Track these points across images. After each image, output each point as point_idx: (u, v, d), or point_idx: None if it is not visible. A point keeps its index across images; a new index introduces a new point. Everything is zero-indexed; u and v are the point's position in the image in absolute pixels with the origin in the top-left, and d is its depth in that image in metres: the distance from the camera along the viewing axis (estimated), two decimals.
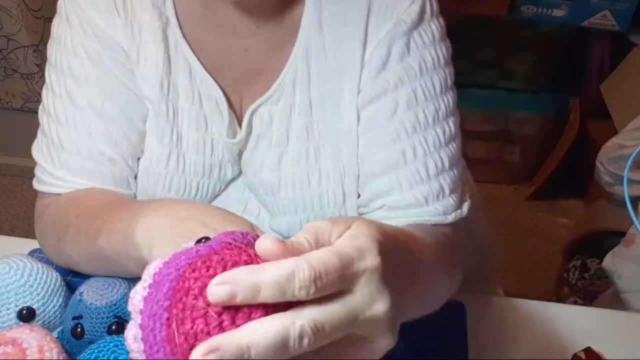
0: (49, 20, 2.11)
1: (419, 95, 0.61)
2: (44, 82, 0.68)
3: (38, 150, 0.69)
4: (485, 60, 1.91)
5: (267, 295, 0.31)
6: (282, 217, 0.68)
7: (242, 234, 0.37)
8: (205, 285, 0.32)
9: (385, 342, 0.36)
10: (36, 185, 0.69)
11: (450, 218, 0.65)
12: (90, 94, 0.64)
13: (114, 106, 0.64)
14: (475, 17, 1.79)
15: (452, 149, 0.64)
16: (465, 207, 0.66)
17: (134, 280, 0.63)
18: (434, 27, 0.62)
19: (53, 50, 0.66)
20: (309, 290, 0.31)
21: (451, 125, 0.63)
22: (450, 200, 0.64)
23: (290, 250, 0.33)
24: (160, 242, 0.47)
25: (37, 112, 0.69)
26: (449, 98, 0.63)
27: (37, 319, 0.61)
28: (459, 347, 0.65)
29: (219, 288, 0.31)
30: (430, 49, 0.62)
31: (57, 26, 0.66)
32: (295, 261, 0.32)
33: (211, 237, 0.37)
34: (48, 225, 0.68)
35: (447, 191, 0.64)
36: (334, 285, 0.32)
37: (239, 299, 0.31)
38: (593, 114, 1.87)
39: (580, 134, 1.89)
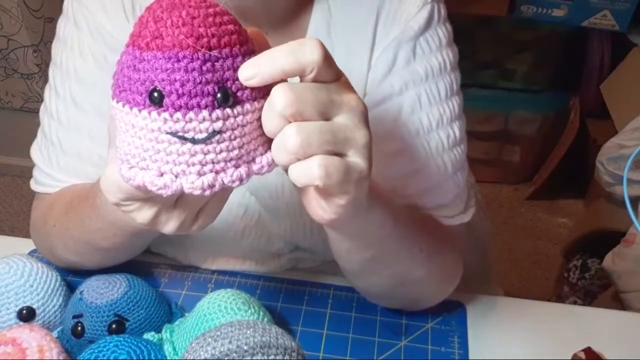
0: (49, 20, 2.09)
1: (423, 99, 0.61)
2: (44, 82, 0.67)
3: (36, 150, 0.69)
4: (485, 60, 1.91)
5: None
6: (286, 220, 0.68)
7: None
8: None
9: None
10: (33, 186, 0.69)
11: (453, 222, 0.64)
12: (95, 98, 0.63)
13: None
14: (475, 17, 1.79)
15: (457, 153, 0.63)
16: (470, 213, 0.66)
17: (134, 279, 0.63)
18: (441, 32, 0.62)
19: (59, 51, 0.65)
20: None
21: (456, 130, 0.63)
22: (454, 205, 0.64)
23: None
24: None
25: (37, 112, 0.69)
26: (454, 103, 0.62)
27: (37, 319, 0.61)
28: (459, 347, 0.65)
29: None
30: (436, 54, 0.61)
31: (64, 27, 0.65)
32: None
33: None
34: (37, 236, 0.70)
35: (450, 196, 0.64)
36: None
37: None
38: (593, 114, 1.87)
39: (580, 134, 1.89)
